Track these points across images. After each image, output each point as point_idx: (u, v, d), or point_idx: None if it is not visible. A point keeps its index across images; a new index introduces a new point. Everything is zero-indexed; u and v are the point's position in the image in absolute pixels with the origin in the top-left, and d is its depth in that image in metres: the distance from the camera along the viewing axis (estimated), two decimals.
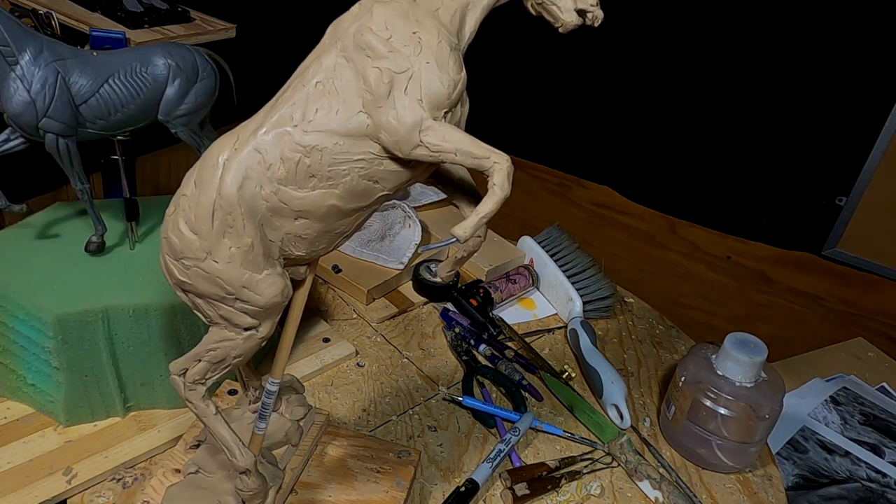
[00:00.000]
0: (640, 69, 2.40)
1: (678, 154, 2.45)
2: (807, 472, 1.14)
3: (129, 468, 0.64)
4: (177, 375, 0.48)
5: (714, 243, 2.36)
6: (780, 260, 2.29)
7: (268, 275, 0.41)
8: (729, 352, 0.70)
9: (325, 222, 0.42)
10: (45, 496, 0.59)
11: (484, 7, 0.43)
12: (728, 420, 0.69)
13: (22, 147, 0.90)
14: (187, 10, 1.73)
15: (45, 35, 0.89)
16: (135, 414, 0.68)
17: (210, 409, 0.48)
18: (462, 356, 0.83)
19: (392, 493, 0.60)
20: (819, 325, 2.03)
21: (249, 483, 0.51)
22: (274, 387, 0.51)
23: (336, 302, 0.91)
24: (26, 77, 0.84)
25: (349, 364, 0.81)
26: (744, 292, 2.18)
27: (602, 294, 0.93)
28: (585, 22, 0.44)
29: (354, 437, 0.65)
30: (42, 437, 0.65)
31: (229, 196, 0.39)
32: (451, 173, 0.49)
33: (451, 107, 0.40)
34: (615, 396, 0.77)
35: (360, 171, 0.40)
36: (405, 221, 1.00)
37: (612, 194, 2.55)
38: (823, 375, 1.38)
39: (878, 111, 2.12)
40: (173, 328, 0.65)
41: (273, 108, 0.40)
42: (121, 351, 0.65)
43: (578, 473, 0.69)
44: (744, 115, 2.30)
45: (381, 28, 0.39)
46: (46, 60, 0.84)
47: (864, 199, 2.21)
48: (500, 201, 0.40)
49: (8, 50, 0.82)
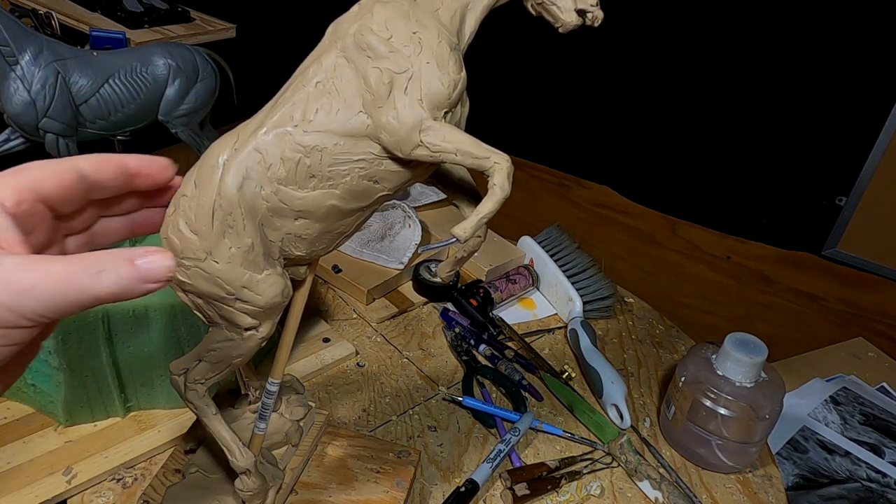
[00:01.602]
0: (640, 69, 2.41)
1: (678, 154, 2.45)
2: (807, 472, 1.14)
3: (129, 468, 0.64)
4: (177, 375, 0.48)
5: (714, 243, 2.36)
6: (780, 260, 2.29)
7: (268, 275, 0.41)
8: (729, 352, 0.70)
9: (325, 222, 0.42)
10: (45, 496, 0.59)
11: (484, 7, 0.43)
12: (728, 420, 0.69)
13: (22, 147, 0.90)
14: (187, 10, 1.73)
15: (45, 35, 0.89)
16: (135, 414, 0.68)
17: (210, 410, 0.48)
18: (462, 356, 0.83)
19: (392, 493, 0.60)
20: (819, 325, 2.03)
21: (249, 483, 0.51)
22: (274, 387, 0.51)
23: (336, 302, 0.91)
24: (26, 77, 0.84)
25: (349, 364, 0.81)
26: (744, 292, 2.18)
27: (602, 294, 0.93)
28: (585, 22, 0.44)
29: (354, 437, 0.65)
30: (42, 437, 0.65)
31: (229, 196, 0.39)
32: (451, 173, 0.49)
33: (452, 107, 0.40)
34: (615, 396, 0.77)
35: (361, 172, 0.40)
36: (405, 221, 1.00)
37: (612, 194, 2.56)
38: (823, 375, 1.38)
39: (878, 111, 2.12)
40: (173, 328, 0.65)
41: (273, 108, 0.40)
42: (121, 351, 0.65)
43: (578, 473, 0.69)
44: (744, 115, 2.30)
45: (382, 28, 0.39)
46: (46, 60, 0.85)
47: (864, 199, 2.21)
48: (501, 201, 0.40)
49: (8, 50, 0.82)
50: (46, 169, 0.34)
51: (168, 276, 0.32)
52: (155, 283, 0.32)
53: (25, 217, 0.33)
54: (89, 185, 0.36)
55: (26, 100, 0.84)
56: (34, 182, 0.34)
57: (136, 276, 0.31)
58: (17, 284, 0.29)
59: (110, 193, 0.38)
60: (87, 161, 0.36)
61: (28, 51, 0.84)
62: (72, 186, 0.35)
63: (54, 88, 0.85)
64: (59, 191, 0.35)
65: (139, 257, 0.32)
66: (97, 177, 0.36)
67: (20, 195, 0.33)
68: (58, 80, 0.85)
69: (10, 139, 0.89)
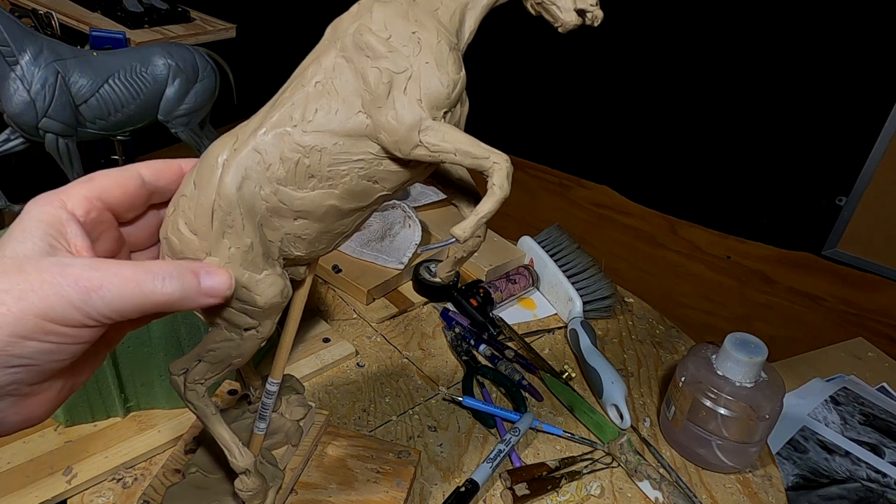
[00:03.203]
0: (640, 69, 2.41)
1: (678, 154, 2.45)
2: (807, 472, 1.14)
3: (129, 468, 0.64)
4: (177, 376, 0.48)
5: (714, 243, 2.36)
6: (780, 260, 2.29)
7: (267, 275, 0.41)
8: (729, 352, 0.70)
9: (324, 222, 0.42)
10: (45, 496, 0.59)
11: (483, 7, 0.43)
12: (728, 420, 0.69)
13: (22, 147, 0.90)
14: (187, 10, 1.73)
15: (45, 35, 0.89)
16: (135, 414, 0.68)
17: (210, 410, 0.48)
18: (462, 356, 0.83)
19: (392, 493, 0.60)
20: (819, 325, 2.03)
21: (249, 483, 0.51)
22: (274, 387, 0.51)
23: (336, 302, 0.91)
24: (26, 77, 0.84)
25: (349, 364, 0.81)
26: (744, 292, 2.19)
27: (602, 294, 0.93)
28: (585, 22, 0.44)
29: (354, 437, 0.65)
30: (42, 437, 0.65)
31: (228, 196, 0.39)
32: (450, 173, 0.49)
33: (451, 107, 0.40)
34: (615, 396, 0.77)
35: (360, 172, 0.40)
36: (405, 221, 1.00)
37: (612, 194, 2.56)
38: (823, 375, 1.38)
39: (878, 111, 2.12)
40: (173, 328, 0.65)
41: (272, 108, 0.40)
42: (121, 351, 0.65)
43: (578, 473, 0.69)
44: (743, 115, 2.30)
45: (381, 28, 0.39)
46: (46, 60, 0.85)
47: (864, 199, 2.21)
48: (500, 201, 0.40)
49: (8, 50, 0.82)
50: (110, 177, 0.37)
51: (226, 295, 0.35)
52: (213, 298, 0.35)
53: (94, 224, 0.36)
54: (150, 190, 0.39)
55: (26, 100, 0.84)
56: (102, 191, 0.36)
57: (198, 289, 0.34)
58: (87, 283, 0.30)
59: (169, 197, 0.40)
60: (148, 168, 0.38)
61: (28, 51, 0.84)
62: (135, 193, 0.38)
63: (54, 88, 0.85)
64: (124, 198, 0.37)
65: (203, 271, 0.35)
66: (158, 182, 0.39)
67: (90, 203, 0.35)
68: (58, 80, 0.85)
69: (10, 139, 0.89)
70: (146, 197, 0.39)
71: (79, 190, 0.35)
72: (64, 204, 0.34)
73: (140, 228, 0.40)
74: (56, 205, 0.34)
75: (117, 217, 0.38)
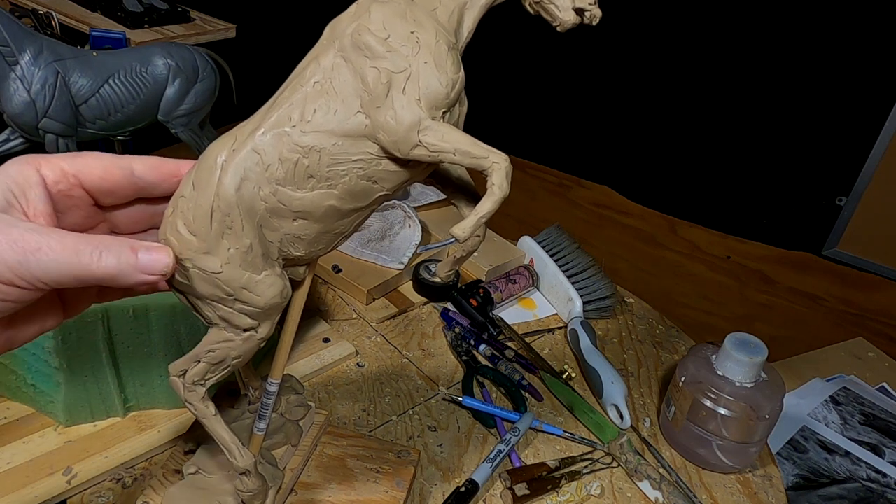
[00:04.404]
0: (640, 69, 2.41)
1: (678, 154, 2.45)
2: (807, 472, 1.14)
3: (129, 468, 0.64)
4: (176, 377, 0.48)
5: (714, 243, 2.36)
6: (780, 260, 2.29)
7: (267, 276, 0.41)
8: (729, 352, 0.70)
9: (323, 223, 0.42)
10: (45, 496, 0.59)
11: (482, 6, 0.43)
12: (728, 420, 0.69)
13: (22, 147, 0.90)
14: (187, 10, 1.73)
15: (45, 35, 0.89)
16: (135, 414, 0.68)
17: (209, 410, 0.48)
18: (462, 356, 0.83)
19: (392, 493, 0.60)
20: (819, 325, 2.03)
21: (249, 483, 0.51)
22: (273, 387, 0.51)
23: (336, 302, 0.91)
24: (26, 77, 0.84)
25: (349, 364, 0.81)
26: (744, 292, 2.18)
27: (602, 294, 0.93)
28: (584, 21, 0.44)
29: (354, 437, 0.65)
30: (42, 437, 0.65)
31: (227, 197, 0.39)
32: (450, 173, 0.49)
33: (450, 106, 0.40)
34: (615, 396, 0.77)
35: (359, 172, 0.40)
36: (405, 221, 1.00)
37: (612, 194, 2.56)
38: (823, 375, 1.38)
39: (878, 111, 2.12)
40: (173, 328, 0.65)
41: (271, 108, 0.40)
42: (121, 351, 0.65)
43: (578, 473, 0.69)
44: (743, 115, 2.30)
45: (380, 28, 0.39)
46: (46, 60, 0.85)
47: (864, 199, 2.21)
48: (499, 201, 0.40)
49: (8, 50, 0.82)
50: (98, 160, 0.37)
51: (164, 272, 0.35)
52: (151, 276, 0.34)
53: (61, 197, 0.36)
54: (140, 184, 0.39)
55: (26, 100, 0.84)
56: (82, 168, 0.37)
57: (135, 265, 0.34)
58: (24, 244, 0.31)
59: (160, 194, 0.40)
60: (143, 163, 0.39)
61: (28, 51, 0.84)
62: (117, 181, 0.38)
63: (54, 89, 0.85)
64: (103, 183, 0.38)
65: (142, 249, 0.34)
66: (148, 177, 0.39)
67: (63, 176, 0.36)
68: (58, 80, 0.85)
69: (10, 139, 0.89)
70: (132, 188, 0.39)
71: (60, 161, 0.36)
72: (39, 167, 0.35)
73: (124, 216, 0.41)
74: (32, 166, 0.35)
75: (95, 198, 0.38)
